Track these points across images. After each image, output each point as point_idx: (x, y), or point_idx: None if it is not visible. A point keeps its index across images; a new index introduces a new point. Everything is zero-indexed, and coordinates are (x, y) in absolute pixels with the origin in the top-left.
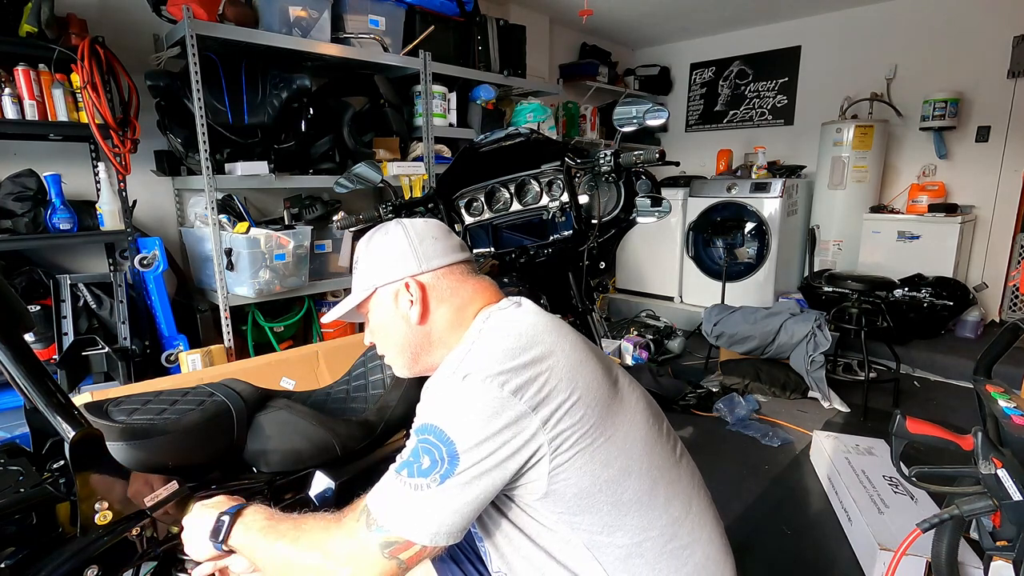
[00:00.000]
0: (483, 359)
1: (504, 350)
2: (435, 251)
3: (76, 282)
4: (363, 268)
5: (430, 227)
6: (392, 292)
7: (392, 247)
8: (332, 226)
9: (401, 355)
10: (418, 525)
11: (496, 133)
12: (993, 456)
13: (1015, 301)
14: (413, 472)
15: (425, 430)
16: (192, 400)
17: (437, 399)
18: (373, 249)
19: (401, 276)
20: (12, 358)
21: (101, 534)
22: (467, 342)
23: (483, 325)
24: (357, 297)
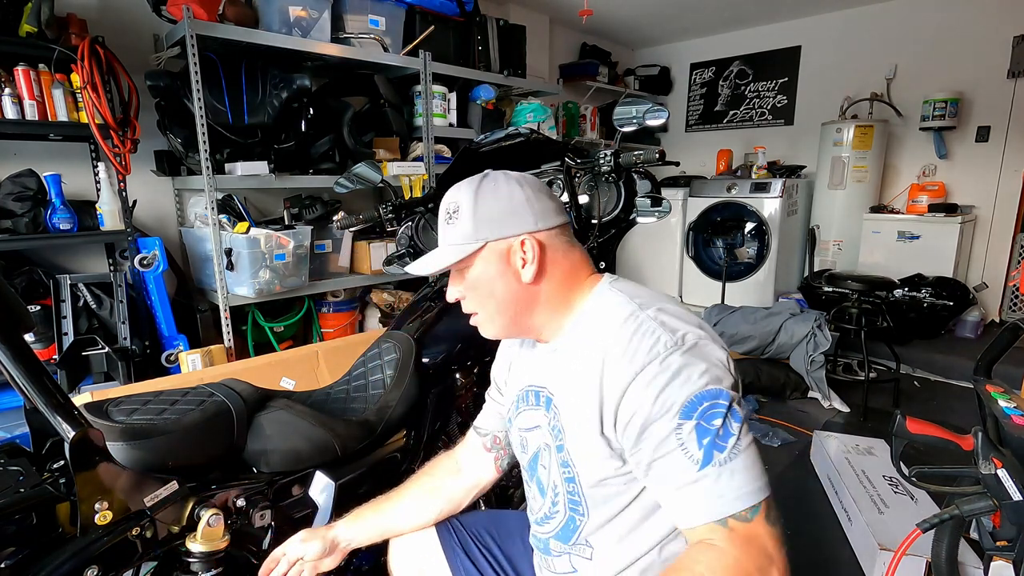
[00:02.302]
0: (681, 325)
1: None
2: (549, 208)
3: (76, 282)
4: (468, 219)
5: (539, 183)
6: (504, 248)
7: (507, 199)
8: (332, 226)
9: (501, 315)
10: (761, 473)
11: (496, 133)
12: (993, 456)
13: (1015, 301)
14: (723, 444)
15: (697, 402)
16: (192, 400)
17: (682, 374)
18: (484, 200)
19: (518, 232)
20: (12, 358)
21: (101, 534)
22: (633, 317)
23: (620, 296)
24: (461, 251)
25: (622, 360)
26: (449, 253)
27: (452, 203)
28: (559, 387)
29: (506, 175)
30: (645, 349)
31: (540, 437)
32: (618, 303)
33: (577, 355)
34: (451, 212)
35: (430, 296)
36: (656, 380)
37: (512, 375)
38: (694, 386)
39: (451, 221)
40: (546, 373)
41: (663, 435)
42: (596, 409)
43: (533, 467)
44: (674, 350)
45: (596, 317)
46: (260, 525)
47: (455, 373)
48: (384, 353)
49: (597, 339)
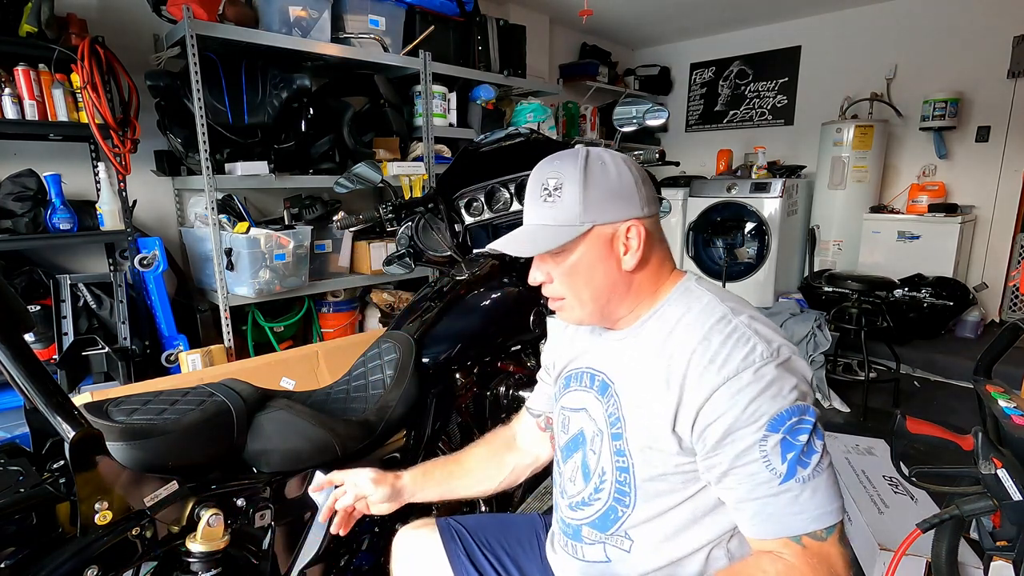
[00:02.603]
0: (775, 337)
1: (773, 324)
2: (652, 195)
3: (76, 282)
4: (575, 199)
5: (639, 165)
6: (610, 233)
7: (617, 180)
8: (332, 226)
9: (595, 302)
10: (838, 494)
11: (496, 133)
12: (993, 456)
13: (1015, 301)
14: (807, 460)
15: (787, 416)
16: (192, 400)
17: (774, 387)
18: (593, 179)
19: (626, 217)
20: (12, 358)
21: (101, 534)
22: (726, 320)
23: (711, 296)
24: (566, 233)
25: (713, 363)
26: (550, 234)
27: (553, 179)
28: (625, 376)
29: (611, 154)
30: (740, 356)
31: (587, 421)
32: (709, 302)
33: (654, 348)
34: (551, 188)
35: (430, 296)
36: (748, 389)
37: (562, 355)
38: (785, 400)
39: (551, 199)
40: (609, 360)
41: (747, 444)
42: (672, 405)
43: (572, 448)
44: (769, 361)
45: (681, 312)
46: (260, 525)
47: (455, 373)
48: (384, 353)
49: (683, 335)
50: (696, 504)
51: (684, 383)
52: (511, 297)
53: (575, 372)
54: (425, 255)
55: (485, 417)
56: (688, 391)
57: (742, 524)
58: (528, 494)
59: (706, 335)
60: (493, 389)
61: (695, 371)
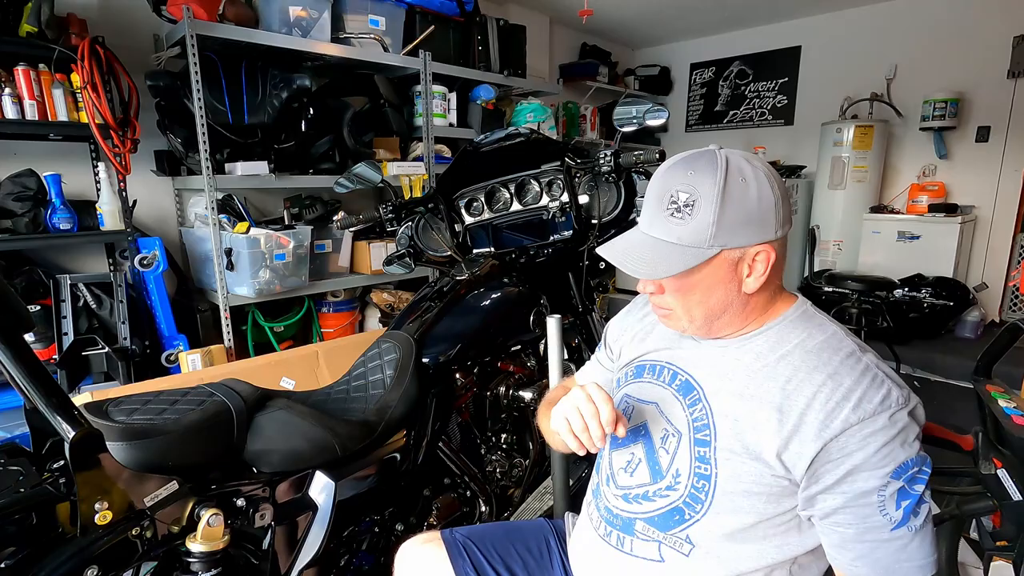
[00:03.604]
0: (902, 382)
1: (895, 373)
2: (789, 211)
3: (76, 282)
4: (708, 220)
5: (779, 177)
6: (737, 256)
7: (757, 203)
8: (332, 226)
9: (705, 318)
10: (937, 547)
11: (496, 133)
12: (993, 456)
13: (1015, 301)
14: (920, 511)
15: (911, 465)
16: (192, 400)
17: (904, 434)
18: (732, 201)
19: (759, 241)
20: (12, 358)
21: (101, 534)
22: (856, 358)
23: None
24: (693, 256)
25: (847, 400)
26: (674, 256)
27: (685, 192)
28: (720, 386)
29: (752, 166)
30: (877, 399)
31: (657, 417)
32: (834, 334)
33: (764, 366)
34: (682, 204)
35: (430, 296)
36: (882, 433)
37: (639, 342)
38: (912, 449)
39: (680, 216)
40: (701, 363)
41: (869, 487)
42: (785, 432)
43: (630, 439)
44: (903, 408)
45: (801, 336)
46: (260, 525)
47: (455, 373)
48: (384, 353)
49: (805, 365)
50: (770, 524)
51: (806, 414)
52: (511, 297)
53: (653, 364)
54: (425, 255)
55: (485, 417)
56: (811, 424)
57: (840, 563)
58: (528, 494)
59: (836, 370)
60: (493, 389)
61: (823, 405)
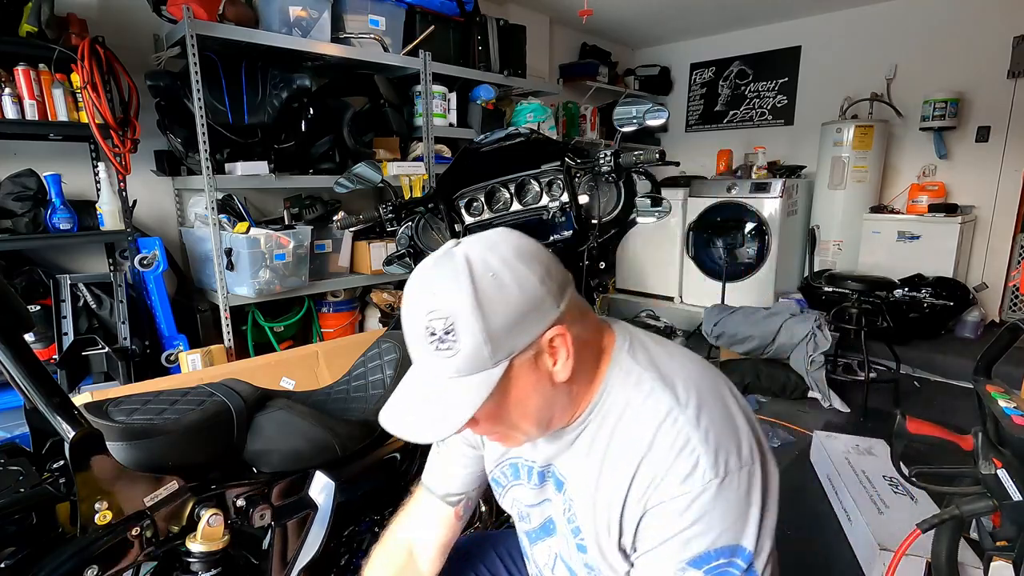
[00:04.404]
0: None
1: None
2: (560, 272)
3: (76, 282)
4: (476, 340)
5: (536, 244)
6: (532, 355)
7: (519, 292)
8: (332, 226)
9: (537, 425)
10: None
11: (496, 133)
12: (993, 456)
13: (1015, 301)
14: None
15: (714, 555)
16: (192, 400)
17: (707, 520)
18: (492, 305)
19: (545, 328)
20: (12, 358)
21: (101, 534)
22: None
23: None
24: (480, 388)
25: (656, 477)
26: (465, 393)
27: (441, 318)
28: (577, 483)
29: (498, 255)
30: (680, 475)
31: (557, 514)
32: (651, 391)
33: (600, 449)
34: (442, 333)
35: None
36: (683, 515)
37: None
38: (717, 538)
39: (445, 346)
40: (561, 459)
41: (665, 570)
42: (616, 524)
43: (541, 534)
44: (709, 486)
45: (622, 405)
46: (260, 525)
47: None
48: (384, 353)
49: (628, 438)
50: None
51: (627, 500)
52: None
53: (522, 463)
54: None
55: None
56: (628, 509)
57: None
58: None
59: (652, 441)
60: None
61: (638, 488)
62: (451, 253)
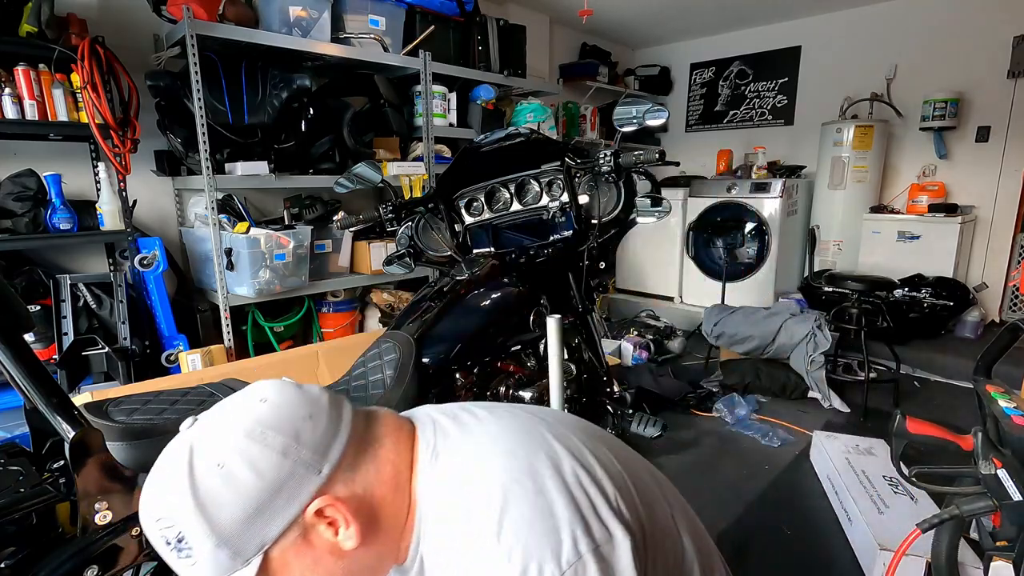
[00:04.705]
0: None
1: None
2: (322, 426)
3: (76, 282)
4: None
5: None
6: (295, 535)
7: (256, 473)
8: (332, 226)
9: None
10: None
11: (496, 133)
12: (993, 456)
13: (1015, 301)
14: None
15: None
16: (192, 400)
17: None
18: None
19: (303, 505)
20: (12, 358)
21: (101, 534)
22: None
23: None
24: None
25: None
26: None
27: (165, 526)
28: None
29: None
30: None
31: None
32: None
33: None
34: (175, 541)
35: (430, 296)
36: None
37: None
38: None
39: (184, 553)
40: None
41: None
42: None
43: None
44: None
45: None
46: None
47: (455, 373)
48: (384, 353)
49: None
50: None
51: None
52: (511, 297)
53: None
54: (425, 255)
55: None
56: None
57: None
58: None
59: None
60: (493, 389)
61: None
62: (178, 442)
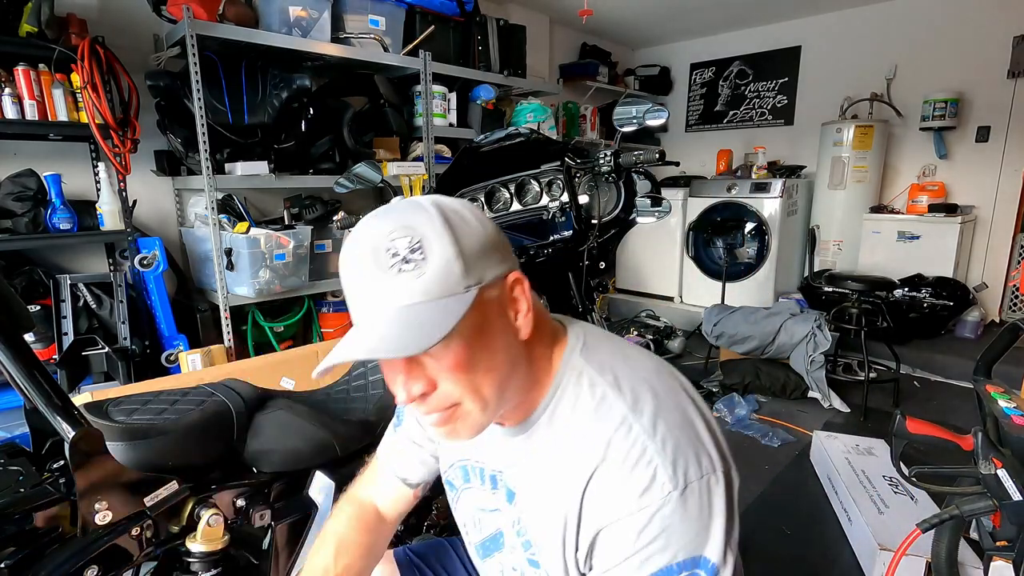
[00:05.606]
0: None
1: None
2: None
3: (76, 282)
4: (447, 255)
5: None
6: (496, 295)
7: (481, 227)
8: (332, 226)
9: (498, 393)
10: None
11: (496, 133)
12: (993, 456)
13: (1015, 301)
14: None
15: (676, 570)
16: (192, 400)
17: (667, 536)
18: (461, 228)
19: (507, 270)
20: (12, 358)
21: (101, 534)
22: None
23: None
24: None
25: (611, 492)
26: (437, 314)
27: (406, 236)
28: (528, 493)
29: (456, 200)
30: (638, 488)
31: (507, 526)
32: (604, 397)
33: (552, 456)
34: (402, 252)
35: None
36: (642, 533)
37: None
38: (680, 549)
39: (410, 265)
40: (506, 460)
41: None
42: (572, 538)
43: (490, 548)
44: (668, 499)
45: (570, 406)
46: (260, 525)
47: None
48: None
49: (580, 446)
50: None
51: (581, 514)
52: None
53: (472, 465)
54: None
55: None
56: (584, 524)
57: None
58: None
59: (604, 454)
60: None
61: (591, 502)
62: (407, 200)
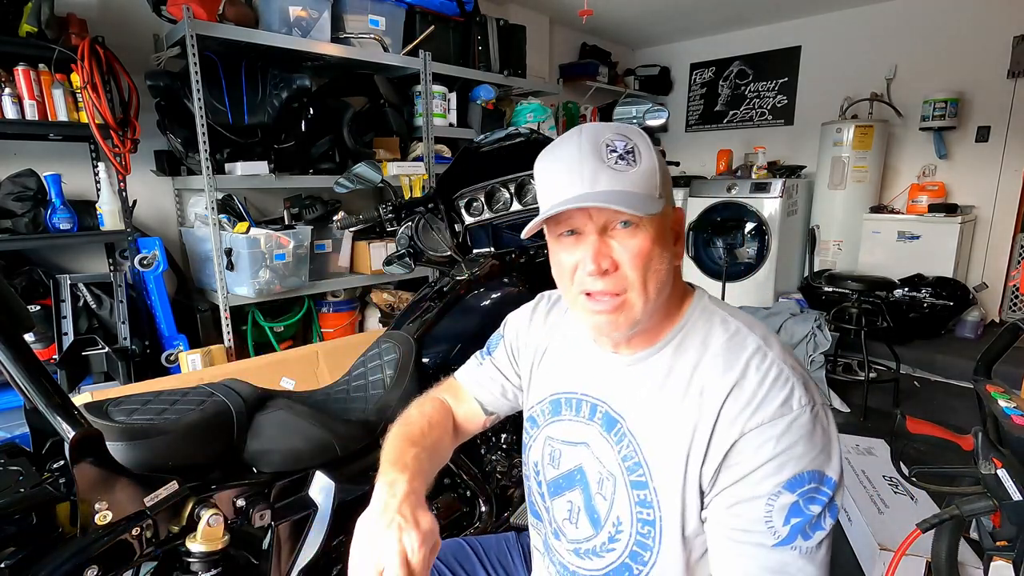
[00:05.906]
0: (807, 378)
1: (800, 366)
2: None
3: (76, 282)
4: (652, 164)
5: None
6: (671, 217)
7: (662, 160)
8: (332, 226)
9: (658, 295)
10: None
11: (496, 133)
12: (993, 456)
13: (1015, 301)
14: (811, 535)
15: (807, 478)
16: (192, 400)
17: (803, 444)
18: (656, 153)
19: (673, 204)
20: (12, 358)
21: (101, 534)
22: (761, 354)
23: (737, 322)
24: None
25: (750, 405)
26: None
27: (620, 140)
28: (641, 414)
29: None
30: (778, 400)
31: (590, 459)
32: (738, 330)
33: (679, 383)
34: (620, 150)
35: (430, 296)
36: (781, 439)
37: (543, 374)
38: (810, 461)
39: (624, 162)
40: (616, 390)
41: (758, 493)
42: (702, 448)
43: (564, 486)
44: (805, 411)
45: (702, 338)
46: (260, 525)
47: None
48: (384, 353)
49: (713, 370)
50: None
51: (716, 425)
52: (511, 297)
53: (568, 397)
54: (425, 255)
55: None
56: (720, 431)
57: (718, 565)
58: None
59: (743, 372)
60: None
61: (729, 413)
62: None
